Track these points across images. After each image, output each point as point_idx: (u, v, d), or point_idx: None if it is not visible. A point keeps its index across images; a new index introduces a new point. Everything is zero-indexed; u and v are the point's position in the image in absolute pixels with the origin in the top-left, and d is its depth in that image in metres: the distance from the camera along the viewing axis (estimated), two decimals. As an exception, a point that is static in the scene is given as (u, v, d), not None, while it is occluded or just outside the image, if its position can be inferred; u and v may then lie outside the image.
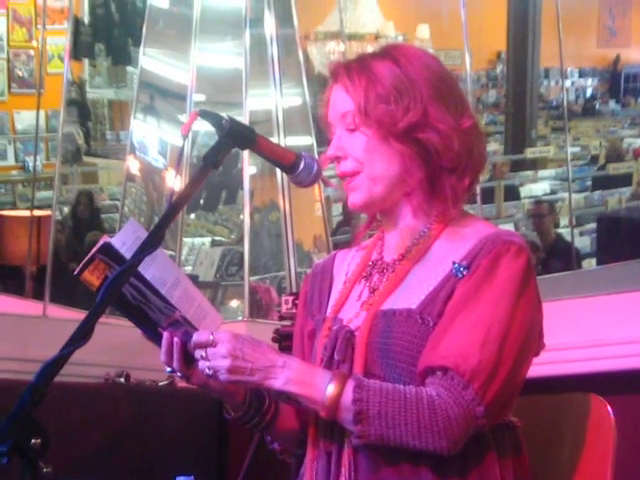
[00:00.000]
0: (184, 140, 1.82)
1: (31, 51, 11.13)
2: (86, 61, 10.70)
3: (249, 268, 4.47)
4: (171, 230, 4.54)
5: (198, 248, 5.14)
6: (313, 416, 1.88)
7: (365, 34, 8.94)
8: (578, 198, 9.60)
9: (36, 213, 6.13)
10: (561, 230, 8.26)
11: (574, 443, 2.06)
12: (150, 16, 5.32)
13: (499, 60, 15.34)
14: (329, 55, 8.51)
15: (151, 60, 5.32)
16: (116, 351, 3.55)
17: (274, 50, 4.69)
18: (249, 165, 4.57)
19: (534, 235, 7.61)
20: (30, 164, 10.30)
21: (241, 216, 4.73)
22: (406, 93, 1.83)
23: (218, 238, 5.20)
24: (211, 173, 1.82)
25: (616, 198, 9.61)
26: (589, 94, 17.16)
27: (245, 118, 4.54)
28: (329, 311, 1.97)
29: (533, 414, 2.04)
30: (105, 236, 1.83)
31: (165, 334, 1.82)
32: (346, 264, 2.03)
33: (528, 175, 10.72)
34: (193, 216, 5.30)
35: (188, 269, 4.95)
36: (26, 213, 6.58)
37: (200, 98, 4.85)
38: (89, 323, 1.64)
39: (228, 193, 5.16)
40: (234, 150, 1.84)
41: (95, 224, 7.83)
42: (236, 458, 3.39)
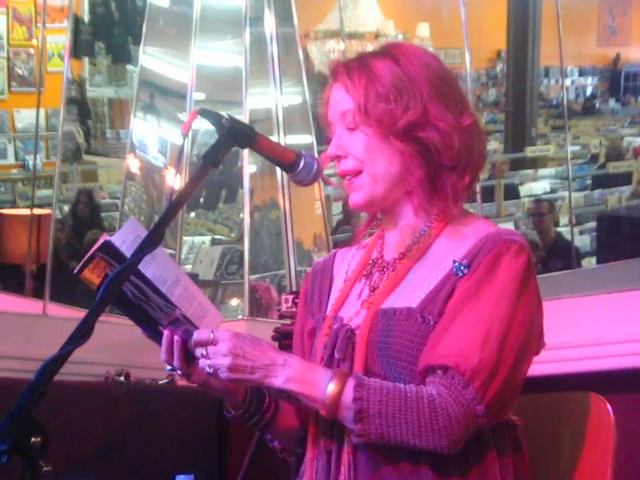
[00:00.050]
0: (184, 139, 1.82)
1: (31, 49, 11.13)
2: (86, 59, 10.70)
3: (249, 267, 4.47)
4: (171, 229, 4.54)
5: (198, 247, 5.14)
6: (313, 414, 1.88)
7: (365, 33, 8.95)
8: (578, 197, 9.60)
9: (36, 212, 6.14)
10: (561, 229, 8.25)
11: (574, 442, 2.06)
12: (150, 14, 5.32)
13: (499, 59, 15.35)
14: (329, 54, 8.51)
15: (151, 59, 5.32)
16: (116, 350, 3.55)
17: (274, 49, 4.70)
18: (249, 164, 4.57)
19: (534, 234, 7.60)
20: (30, 163, 10.30)
21: (241, 215, 4.73)
22: (406, 92, 1.83)
23: (218, 237, 5.20)
24: (211, 172, 1.82)
25: (616, 197, 9.61)
26: (589, 93, 17.17)
27: (245, 117, 4.54)
28: (329, 310, 1.97)
29: (533, 413, 2.04)
30: (105, 234, 1.83)
31: (165, 332, 1.82)
32: (346, 263, 2.03)
33: (528, 174, 10.72)
34: (193, 215, 5.30)
35: (188, 268, 4.95)
36: (26, 211, 6.58)
37: (200, 97, 4.85)
38: (89, 321, 1.64)
39: (228, 192, 5.16)
40: (234, 149, 1.84)
41: (95, 223, 7.84)
42: (236, 457, 3.39)
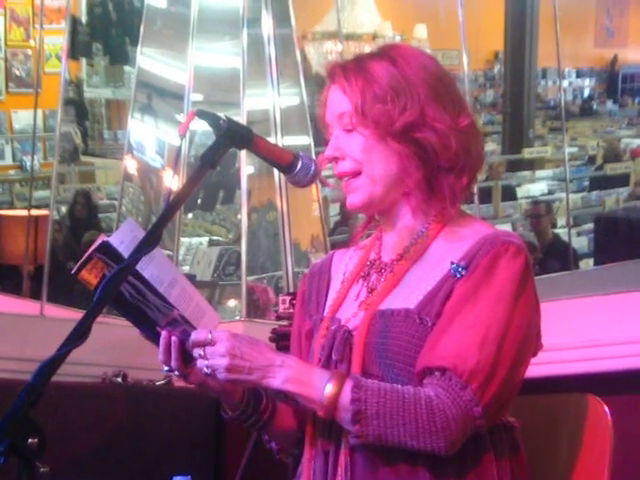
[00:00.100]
0: (181, 140, 1.82)
1: (29, 50, 11.14)
2: (84, 60, 10.72)
3: (246, 268, 4.46)
4: (168, 230, 4.54)
5: (195, 248, 5.14)
6: (310, 415, 1.88)
7: (362, 34, 8.96)
8: (575, 198, 9.62)
9: (33, 212, 6.14)
10: (558, 230, 8.26)
11: (571, 443, 2.06)
12: (148, 16, 5.32)
13: (497, 60, 15.39)
14: (326, 55, 8.52)
15: (149, 60, 5.32)
16: (113, 350, 3.55)
17: (271, 50, 4.69)
18: (246, 165, 4.57)
19: (531, 235, 7.61)
20: (27, 163, 10.30)
21: (238, 216, 4.72)
22: (403, 93, 1.83)
23: (215, 238, 5.20)
24: (208, 173, 1.81)
25: (613, 198, 9.63)
26: (586, 94, 17.20)
27: (242, 118, 4.54)
28: (327, 311, 1.96)
29: (530, 414, 2.04)
30: (102, 235, 1.83)
31: (163, 333, 1.82)
32: (344, 264, 2.03)
33: (525, 175, 10.74)
34: (191, 216, 5.30)
35: (185, 269, 4.95)
36: (23, 212, 6.58)
37: (197, 98, 4.85)
38: (86, 322, 1.64)
39: (226, 193, 5.16)
40: (231, 150, 1.84)
41: (92, 223, 7.84)
42: (233, 457, 3.39)
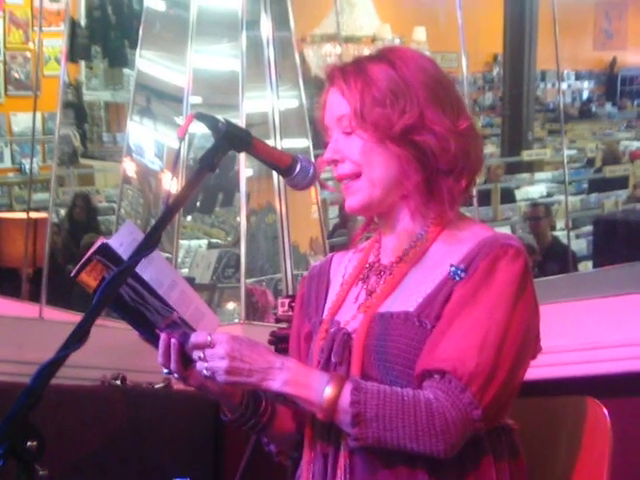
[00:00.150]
0: (180, 142, 1.82)
1: (28, 53, 11.14)
2: (82, 63, 10.72)
3: (245, 270, 4.46)
4: (167, 232, 4.54)
5: (194, 250, 5.14)
6: (310, 418, 1.88)
7: (362, 37, 8.96)
8: (574, 201, 9.62)
9: (32, 215, 6.14)
10: (557, 233, 8.26)
11: (570, 446, 2.06)
12: (146, 18, 5.32)
13: (496, 62, 15.40)
14: (325, 57, 8.52)
15: (147, 62, 5.32)
16: (112, 353, 3.55)
17: (270, 52, 4.69)
18: (245, 167, 4.57)
19: (530, 238, 7.61)
20: (26, 166, 10.30)
21: (237, 218, 4.73)
22: (402, 96, 1.83)
23: (214, 240, 5.20)
24: (207, 175, 1.81)
25: (612, 201, 9.63)
26: (585, 97, 17.21)
27: (241, 120, 4.54)
28: (326, 313, 1.96)
29: (529, 417, 2.04)
30: (101, 238, 1.82)
31: (162, 335, 1.82)
32: (343, 266, 2.03)
33: (524, 177, 10.74)
34: (190, 218, 5.30)
35: (184, 271, 4.95)
36: (22, 215, 6.58)
37: (196, 100, 4.85)
38: (85, 325, 1.64)
39: (225, 195, 5.17)
40: (230, 152, 1.84)
41: (91, 226, 7.84)
42: (232, 460, 3.39)
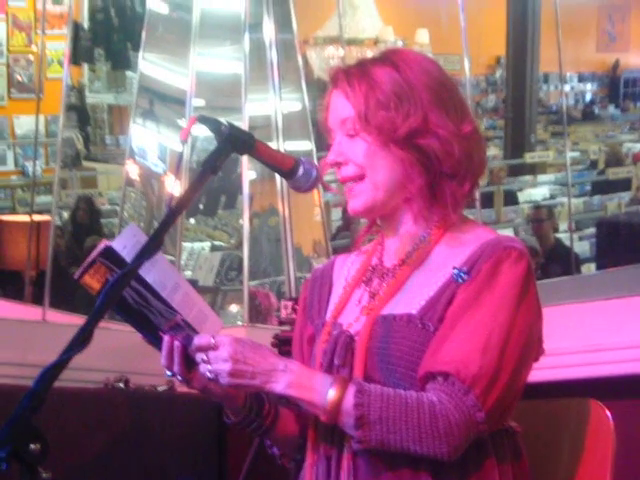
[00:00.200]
0: (183, 145, 1.82)
1: (30, 56, 11.14)
2: (85, 66, 10.72)
3: (248, 273, 4.47)
4: (170, 235, 4.54)
5: (198, 253, 5.14)
6: (313, 420, 1.88)
7: (364, 39, 8.95)
8: (577, 203, 9.61)
9: (35, 218, 6.13)
10: (560, 235, 8.25)
11: (573, 448, 2.06)
12: (149, 21, 5.33)
13: (498, 65, 15.38)
14: (328, 60, 8.52)
15: (150, 65, 5.33)
16: (115, 356, 3.55)
17: (273, 55, 4.70)
18: (248, 170, 4.57)
19: (533, 240, 7.60)
20: (29, 169, 10.31)
21: (240, 221, 4.73)
22: (406, 99, 1.83)
23: (218, 243, 5.20)
24: (210, 178, 1.82)
25: (615, 203, 9.61)
26: (588, 99, 17.21)
27: (244, 123, 4.54)
28: (329, 316, 1.96)
29: (532, 419, 2.04)
30: (104, 240, 1.83)
31: (166, 338, 1.82)
32: (346, 269, 2.03)
33: (527, 180, 10.73)
34: (193, 221, 5.30)
35: (188, 274, 4.95)
36: (25, 218, 6.58)
37: (199, 103, 4.86)
38: (89, 328, 1.64)
39: (227, 198, 5.17)
40: (233, 155, 1.84)
41: (94, 229, 7.84)
42: (235, 463, 3.39)
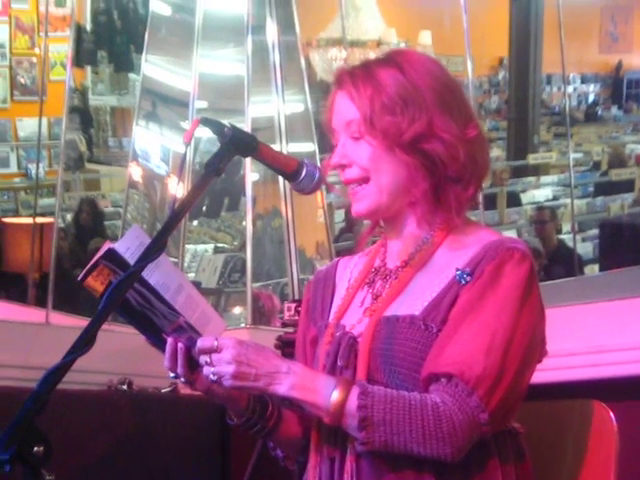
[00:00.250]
0: (186, 147, 1.82)
1: (33, 58, 11.15)
2: (88, 68, 10.72)
3: (252, 275, 4.47)
4: (174, 237, 4.54)
5: (201, 255, 5.15)
6: (316, 422, 1.88)
7: (367, 41, 8.95)
8: (580, 204, 9.61)
9: (39, 220, 6.14)
10: (563, 236, 8.25)
11: (577, 449, 2.06)
12: (152, 23, 5.33)
13: (501, 66, 15.38)
14: (331, 62, 8.52)
15: (153, 67, 5.33)
16: (119, 358, 3.55)
17: (276, 57, 4.70)
18: (251, 172, 4.57)
19: (536, 241, 7.60)
20: (33, 171, 10.30)
21: (244, 223, 4.73)
22: (411, 102, 1.83)
23: (221, 245, 5.20)
24: (213, 180, 1.82)
25: (618, 204, 9.60)
26: (591, 100, 17.20)
27: (247, 125, 4.54)
28: (332, 317, 1.96)
29: (535, 420, 2.04)
30: (108, 242, 1.82)
31: (169, 340, 1.82)
32: (348, 271, 2.03)
33: (530, 181, 10.72)
34: (196, 223, 5.30)
35: (191, 276, 4.95)
36: (29, 220, 6.59)
37: (202, 105, 4.86)
38: (92, 330, 1.64)
39: (231, 200, 5.17)
40: (236, 157, 1.84)
41: (98, 231, 7.84)
42: (239, 465, 3.39)
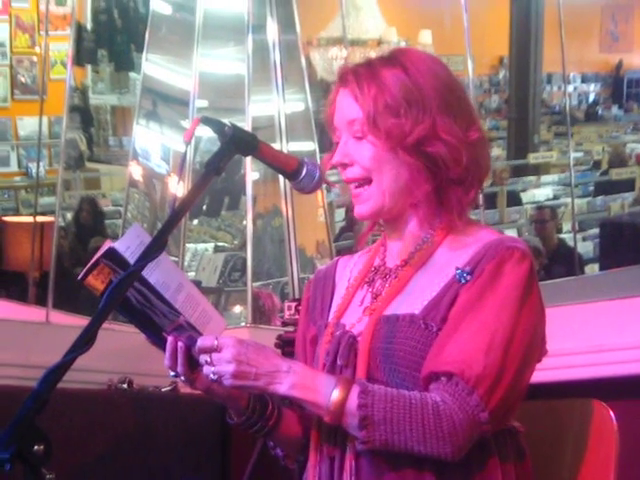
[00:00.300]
0: (187, 146, 1.82)
1: (34, 57, 11.15)
2: (89, 67, 10.74)
3: (252, 274, 4.47)
4: (174, 236, 4.54)
5: (201, 254, 5.15)
6: (316, 421, 1.88)
7: (368, 40, 8.96)
8: (581, 203, 9.62)
9: (39, 219, 6.14)
10: (564, 235, 8.25)
11: (576, 449, 2.06)
12: (153, 22, 5.33)
13: (501, 65, 15.39)
14: (332, 61, 8.53)
15: (154, 66, 5.33)
16: (119, 357, 3.55)
17: (276, 56, 4.70)
18: (252, 171, 4.57)
19: (537, 240, 7.60)
20: (33, 170, 10.31)
21: (244, 222, 4.73)
22: (415, 104, 1.82)
23: (221, 244, 5.21)
24: (214, 179, 1.82)
25: (619, 203, 9.61)
26: (592, 99, 17.21)
27: (247, 124, 4.54)
28: (331, 316, 1.96)
29: (535, 420, 2.04)
30: (108, 241, 1.82)
31: (169, 339, 1.82)
32: (348, 270, 2.03)
33: (531, 180, 10.73)
34: (196, 222, 5.31)
35: (191, 275, 4.96)
36: (29, 219, 6.59)
37: (202, 104, 4.86)
38: (92, 329, 1.64)
39: (231, 199, 5.18)
40: (237, 156, 1.84)
41: (98, 230, 7.84)
42: (239, 464, 3.39)
